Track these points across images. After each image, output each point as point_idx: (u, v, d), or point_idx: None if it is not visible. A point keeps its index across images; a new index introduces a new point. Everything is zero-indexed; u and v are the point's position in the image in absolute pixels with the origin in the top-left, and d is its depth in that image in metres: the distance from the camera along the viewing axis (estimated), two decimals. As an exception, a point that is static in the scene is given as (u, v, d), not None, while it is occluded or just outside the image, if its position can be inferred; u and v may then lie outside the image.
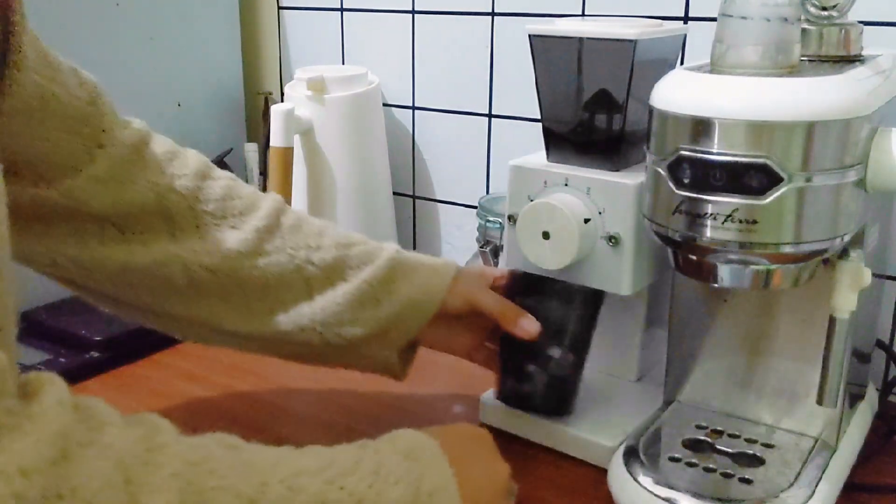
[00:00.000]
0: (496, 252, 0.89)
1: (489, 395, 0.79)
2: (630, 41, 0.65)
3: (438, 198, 1.13)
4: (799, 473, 0.64)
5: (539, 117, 0.72)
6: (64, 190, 0.60)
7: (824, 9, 0.61)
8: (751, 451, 0.67)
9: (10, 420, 0.34)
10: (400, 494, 0.48)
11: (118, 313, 0.70)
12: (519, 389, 0.74)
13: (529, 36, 0.69)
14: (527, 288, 0.73)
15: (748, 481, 0.63)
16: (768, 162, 0.53)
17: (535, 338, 0.70)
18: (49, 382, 0.37)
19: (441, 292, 0.70)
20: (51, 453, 0.34)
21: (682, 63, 0.71)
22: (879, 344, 0.81)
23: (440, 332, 0.72)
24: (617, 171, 0.69)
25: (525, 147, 0.76)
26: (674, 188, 0.56)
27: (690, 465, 0.65)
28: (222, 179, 0.68)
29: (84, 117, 0.61)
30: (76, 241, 0.63)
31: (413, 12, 1.08)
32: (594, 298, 0.72)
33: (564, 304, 0.72)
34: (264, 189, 1.14)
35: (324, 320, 0.67)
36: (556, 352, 0.73)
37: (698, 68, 0.58)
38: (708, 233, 0.56)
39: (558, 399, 0.74)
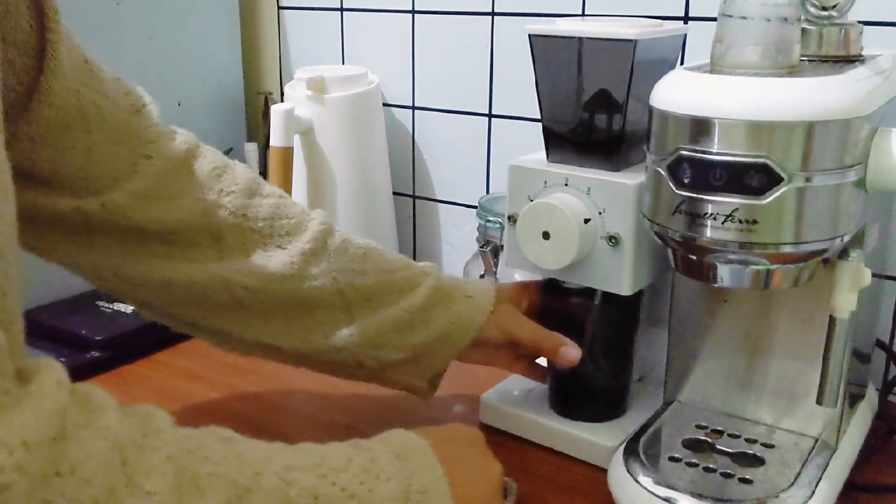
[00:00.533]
0: (496, 252, 0.89)
1: (489, 394, 0.79)
2: (630, 41, 0.65)
3: (438, 198, 1.13)
4: (799, 473, 0.64)
5: (539, 117, 0.72)
6: (107, 202, 0.59)
7: (824, 9, 0.61)
8: (751, 451, 0.67)
9: (8, 399, 0.34)
10: (391, 492, 0.48)
11: (165, 323, 0.70)
12: (571, 399, 0.75)
13: (529, 36, 0.69)
14: (561, 296, 0.74)
15: (748, 481, 0.63)
16: (768, 162, 0.53)
17: (577, 362, 0.71)
18: (47, 366, 0.37)
19: (475, 327, 0.71)
20: (50, 431, 0.35)
21: (682, 63, 0.71)
22: (879, 344, 0.81)
23: (476, 353, 0.73)
24: (617, 171, 0.69)
25: (525, 147, 0.76)
26: (674, 188, 0.56)
27: (690, 465, 0.65)
28: (271, 197, 0.67)
29: (128, 127, 0.61)
30: (120, 254, 0.62)
31: (413, 12, 1.08)
32: (633, 299, 0.72)
33: (605, 309, 0.73)
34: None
35: (360, 342, 0.68)
36: (602, 359, 0.74)
37: (698, 68, 0.58)
38: (708, 233, 0.56)
39: (611, 403, 0.76)
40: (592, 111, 0.69)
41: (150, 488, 0.38)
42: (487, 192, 1.07)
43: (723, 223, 0.55)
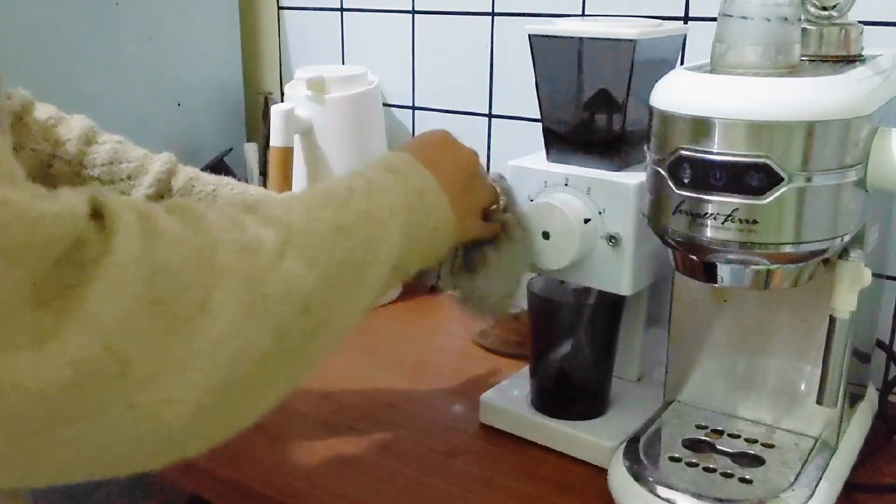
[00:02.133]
0: (496, 252, 0.89)
1: (489, 394, 0.79)
2: (630, 41, 0.65)
3: (438, 198, 1.13)
4: (799, 473, 0.64)
5: (539, 117, 0.72)
6: None
7: (824, 9, 0.61)
8: (751, 451, 0.67)
9: (106, 234, 0.35)
10: (393, 199, 0.53)
11: None
12: (551, 397, 0.76)
13: (529, 36, 0.69)
14: (546, 299, 0.74)
15: (748, 481, 0.63)
16: (768, 162, 0.53)
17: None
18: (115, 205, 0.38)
19: None
20: (141, 245, 0.36)
21: (682, 63, 0.71)
22: (879, 344, 0.81)
23: None
24: (617, 171, 0.69)
25: (525, 147, 0.76)
26: (674, 188, 0.56)
27: (690, 465, 0.65)
28: (108, 143, 0.66)
29: None
30: None
31: (413, 12, 1.08)
32: (616, 300, 0.72)
33: (587, 309, 0.73)
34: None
35: None
36: (582, 358, 0.74)
37: (698, 68, 0.58)
38: (708, 233, 0.56)
39: (591, 402, 0.76)
40: (592, 111, 0.70)
41: (221, 266, 0.39)
42: (487, 192, 1.07)
43: (723, 223, 0.55)
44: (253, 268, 0.41)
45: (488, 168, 1.07)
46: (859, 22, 0.63)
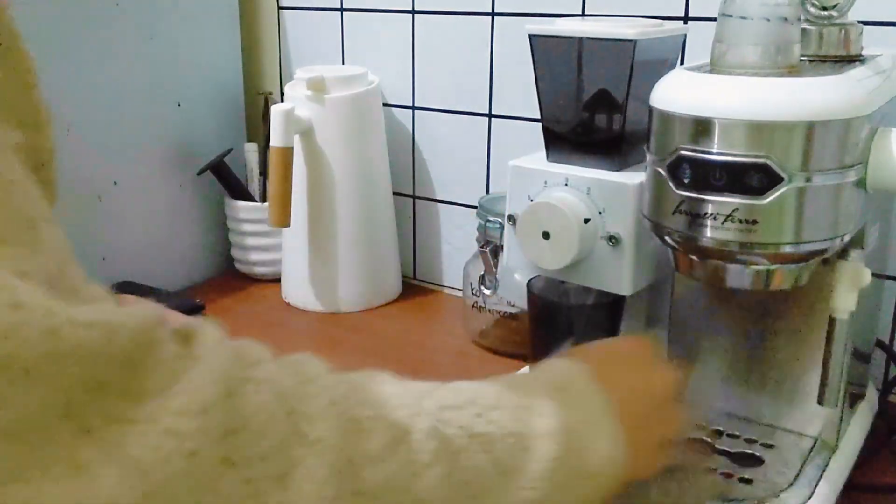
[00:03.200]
0: (496, 252, 0.89)
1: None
2: (630, 41, 0.65)
3: (438, 198, 1.13)
4: (799, 473, 0.64)
5: (539, 117, 0.72)
6: None
7: (824, 9, 0.61)
8: (751, 451, 0.67)
9: (181, 364, 0.34)
10: (550, 426, 0.46)
11: None
12: None
13: (529, 36, 0.69)
14: (546, 300, 0.75)
15: (748, 481, 0.63)
16: (768, 162, 0.53)
17: None
18: (204, 326, 0.38)
19: None
20: (221, 390, 0.35)
21: (682, 63, 0.71)
22: (879, 344, 0.81)
23: None
24: (617, 171, 0.69)
25: (525, 147, 0.76)
26: (674, 188, 0.57)
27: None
28: None
29: None
30: None
31: (413, 12, 1.08)
32: (616, 300, 0.72)
33: (586, 309, 0.73)
34: (264, 189, 1.14)
35: None
36: None
37: (698, 68, 0.58)
38: (708, 233, 0.56)
39: None
40: (592, 111, 0.70)
41: (317, 435, 0.38)
42: (487, 192, 1.07)
43: (723, 223, 0.55)
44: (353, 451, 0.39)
45: (488, 168, 1.07)
46: (859, 22, 0.63)
